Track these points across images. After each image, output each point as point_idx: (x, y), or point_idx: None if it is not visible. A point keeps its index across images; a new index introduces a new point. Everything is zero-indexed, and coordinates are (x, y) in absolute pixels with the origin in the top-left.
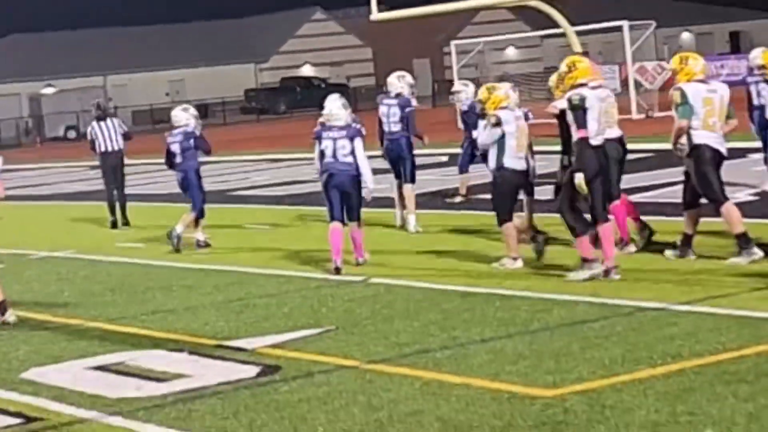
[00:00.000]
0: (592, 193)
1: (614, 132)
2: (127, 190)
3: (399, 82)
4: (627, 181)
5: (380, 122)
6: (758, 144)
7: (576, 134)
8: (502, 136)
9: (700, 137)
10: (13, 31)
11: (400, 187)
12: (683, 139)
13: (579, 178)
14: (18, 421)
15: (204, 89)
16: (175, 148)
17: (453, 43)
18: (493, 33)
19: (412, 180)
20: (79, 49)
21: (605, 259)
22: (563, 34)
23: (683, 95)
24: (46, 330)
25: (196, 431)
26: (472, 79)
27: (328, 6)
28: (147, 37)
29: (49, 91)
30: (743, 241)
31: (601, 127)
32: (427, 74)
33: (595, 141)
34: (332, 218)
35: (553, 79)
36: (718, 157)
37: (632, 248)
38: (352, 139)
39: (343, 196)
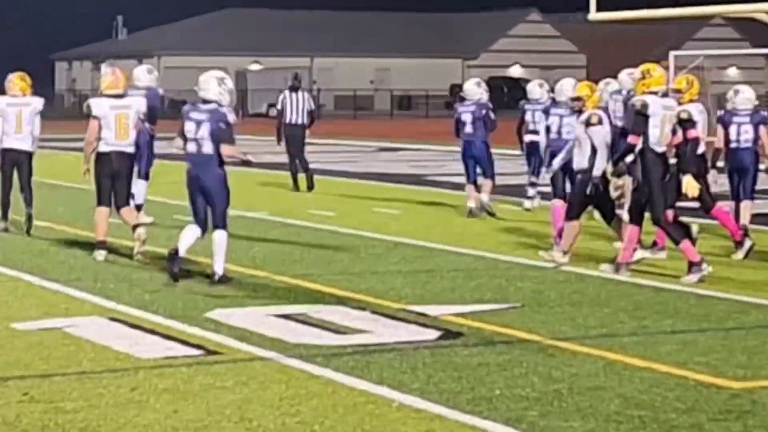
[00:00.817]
0: (653, 196)
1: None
2: (322, 166)
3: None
4: None
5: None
6: None
7: (630, 140)
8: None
9: None
10: (229, 6)
11: None
12: None
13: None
14: (198, 352)
15: (409, 80)
16: (467, 117)
17: (672, 53)
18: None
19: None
20: (289, 28)
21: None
22: None
23: None
24: (232, 278)
25: (372, 381)
26: None
27: (546, 8)
28: (357, 22)
29: (256, 67)
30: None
31: (665, 134)
32: None
33: (658, 148)
34: (554, 196)
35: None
36: None
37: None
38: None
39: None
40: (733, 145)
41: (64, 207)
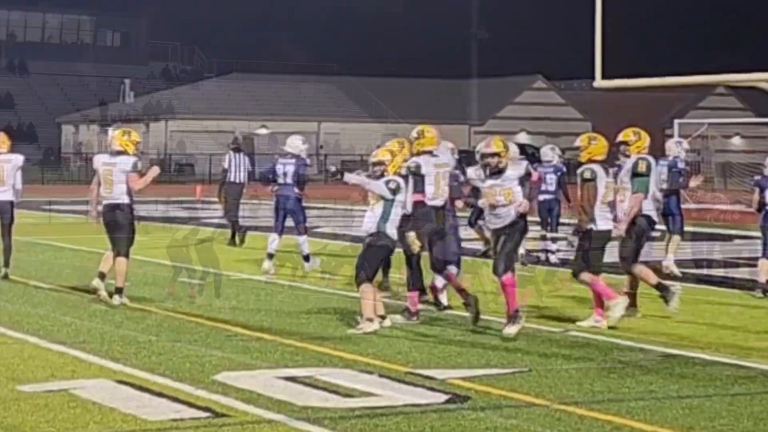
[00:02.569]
0: (430, 248)
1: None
2: (330, 230)
3: None
4: None
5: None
6: None
7: (413, 197)
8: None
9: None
10: (236, 70)
11: None
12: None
13: (411, 237)
14: (205, 415)
15: None
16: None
17: (676, 121)
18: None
19: None
20: (296, 93)
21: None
22: None
23: (648, 166)
24: (240, 341)
25: None
26: (693, 163)
27: (551, 76)
28: (364, 87)
29: (263, 131)
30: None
31: (440, 191)
32: None
33: (432, 202)
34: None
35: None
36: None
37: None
38: None
39: None
40: None
41: (71, 269)
